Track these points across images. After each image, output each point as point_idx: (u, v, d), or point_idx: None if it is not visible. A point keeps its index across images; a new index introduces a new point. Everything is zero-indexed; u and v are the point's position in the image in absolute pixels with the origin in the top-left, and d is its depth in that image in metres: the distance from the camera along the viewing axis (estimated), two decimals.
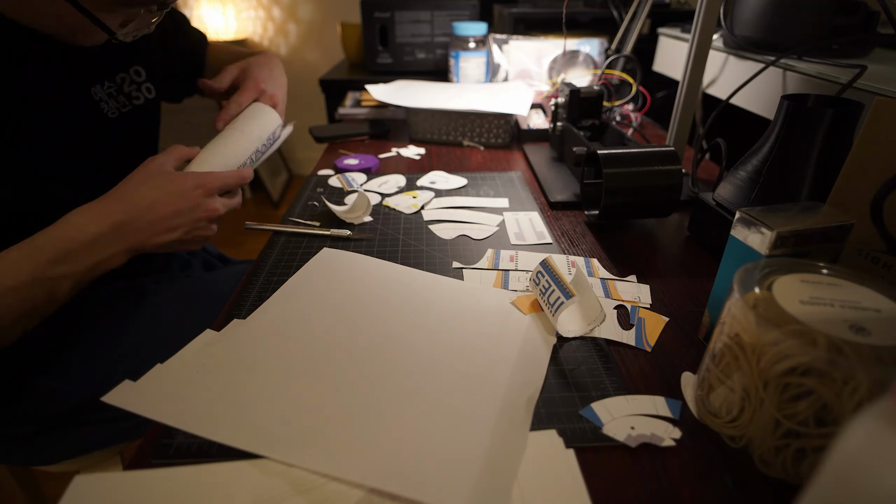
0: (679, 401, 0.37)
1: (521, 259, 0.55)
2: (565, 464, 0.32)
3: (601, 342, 0.43)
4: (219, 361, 0.40)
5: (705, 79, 0.81)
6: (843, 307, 0.31)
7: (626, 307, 0.47)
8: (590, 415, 0.36)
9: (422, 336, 0.43)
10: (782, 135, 0.49)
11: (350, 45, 1.54)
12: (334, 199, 0.69)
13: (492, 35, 1.09)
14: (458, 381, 0.38)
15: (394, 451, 0.33)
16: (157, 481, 0.31)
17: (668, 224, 0.64)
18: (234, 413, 0.35)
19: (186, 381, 0.38)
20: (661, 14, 1.24)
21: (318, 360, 0.40)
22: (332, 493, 0.30)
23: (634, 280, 0.52)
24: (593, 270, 0.53)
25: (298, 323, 0.45)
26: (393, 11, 1.26)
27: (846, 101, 0.49)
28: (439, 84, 1.05)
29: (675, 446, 0.34)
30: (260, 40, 2.43)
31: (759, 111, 0.70)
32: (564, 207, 0.67)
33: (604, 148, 0.58)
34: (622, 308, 0.47)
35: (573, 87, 0.78)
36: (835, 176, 0.43)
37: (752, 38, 0.71)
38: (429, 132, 0.91)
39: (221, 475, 0.31)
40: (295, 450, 0.33)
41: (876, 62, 0.62)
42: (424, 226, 0.62)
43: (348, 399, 0.37)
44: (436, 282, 0.51)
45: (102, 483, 0.31)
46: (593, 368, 0.40)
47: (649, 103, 0.95)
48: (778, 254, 0.37)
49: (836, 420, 0.27)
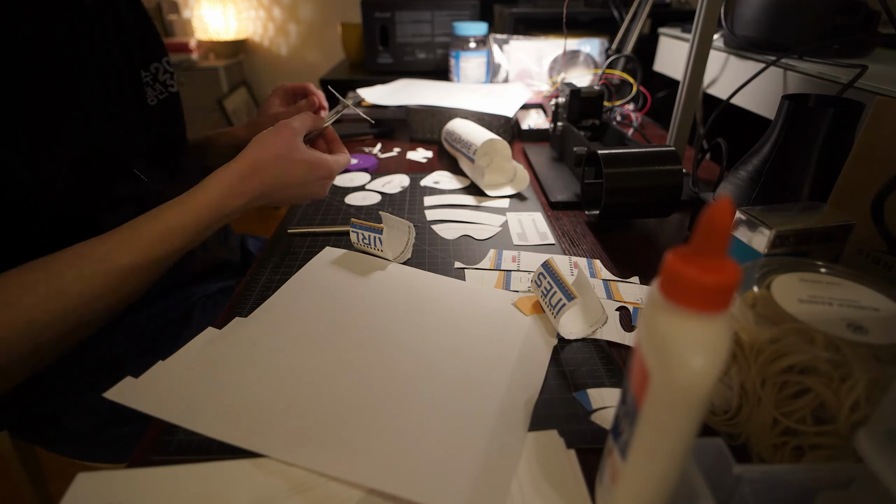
0: None
1: (523, 259, 0.55)
2: (566, 464, 0.32)
3: (602, 343, 0.43)
4: (220, 359, 0.40)
5: (706, 79, 0.81)
6: (842, 306, 0.31)
7: (629, 308, 0.47)
8: (582, 398, 0.37)
9: (422, 337, 0.43)
10: (783, 135, 0.49)
11: (350, 45, 1.54)
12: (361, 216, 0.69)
13: (492, 35, 1.09)
14: (457, 382, 0.38)
15: (392, 451, 0.33)
16: (159, 479, 0.31)
17: (669, 224, 0.64)
18: (234, 411, 0.35)
19: (188, 378, 0.38)
20: (662, 14, 1.24)
21: (318, 359, 0.41)
22: (332, 492, 0.30)
23: (637, 281, 0.52)
24: (595, 271, 0.53)
25: (300, 322, 0.45)
26: (393, 11, 1.26)
27: (847, 100, 0.49)
28: (438, 83, 1.05)
29: None
30: (260, 40, 2.44)
31: (760, 111, 0.70)
32: (565, 207, 0.67)
33: (604, 148, 0.58)
34: (624, 309, 0.47)
35: (574, 87, 0.78)
36: (835, 176, 0.43)
37: (752, 38, 0.71)
38: (429, 132, 0.91)
39: (222, 473, 0.32)
40: (295, 449, 0.33)
41: (877, 62, 0.62)
42: (427, 225, 0.62)
43: (348, 398, 0.37)
44: (437, 282, 0.51)
45: (104, 480, 0.31)
46: (594, 370, 0.40)
47: (650, 103, 0.95)
48: (777, 253, 0.37)
49: (833, 418, 0.28)
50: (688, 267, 0.20)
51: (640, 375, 0.23)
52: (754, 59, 0.70)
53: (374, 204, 0.69)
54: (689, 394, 0.22)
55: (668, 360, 0.21)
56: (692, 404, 0.22)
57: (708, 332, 0.21)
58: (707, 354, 0.21)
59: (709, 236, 0.20)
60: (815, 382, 0.28)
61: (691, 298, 0.21)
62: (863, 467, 0.23)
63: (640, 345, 0.24)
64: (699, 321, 0.21)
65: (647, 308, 0.23)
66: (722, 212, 0.19)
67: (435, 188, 0.73)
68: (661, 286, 0.22)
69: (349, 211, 0.66)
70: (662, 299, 0.22)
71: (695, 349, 0.21)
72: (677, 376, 0.21)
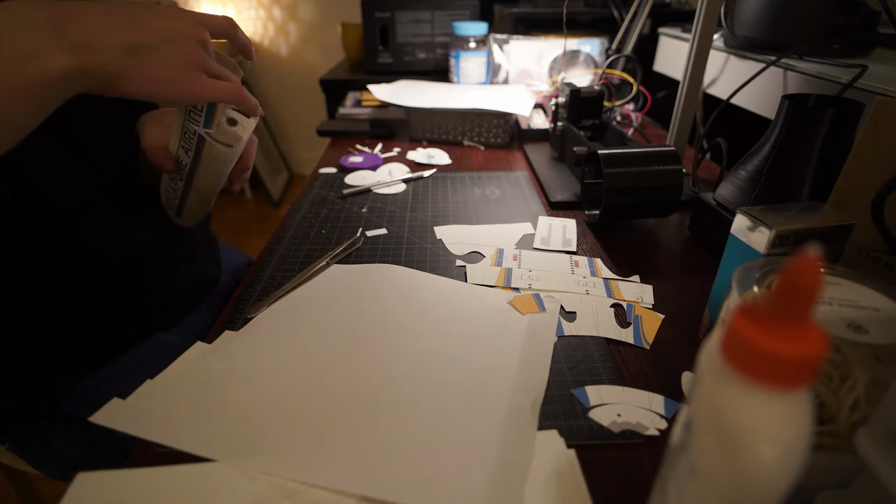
0: (679, 403, 0.37)
1: (524, 258, 0.55)
2: (567, 464, 0.32)
3: (601, 341, 0.43)
4: (211, 375, 0.39)
5: (706, 79, 0.81)
6: (842, 306, 0.31)
7: (623, 305, 0.47)
8: (581, 395, 0.37)
9: (421, 343, 0.42)
10: (783, 135, 0.49)
11: (350, 45, 1.54)
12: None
13: (492, 35, 1.09)
14: (461, 388, 0.38)
15: (401, 462, 0.32)
16: (159, 479, 0.31)
17: (669, 224, 0.64)
18: (227, 429, 0.34)
19: (177, 396, 0.37)
20: (662, 14, 1.24)
21: (315, 370, 0.39)
22: (332, 491, 0.30)
23: (638, 280, 0.52)
24: (597, 270, 0.53)
25: (293, 332, 0.43)
26: (393, 11, 1.26)
27: (847, 100, 0.49)
28: (440, 84, 1.05)
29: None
30: (260, 40, 2.43)
31: (760, 111, 0.70)
32: (565, 207, 0.67)
33: (604, 148, 0.58)
34: (618, 306, 0.47)
35: (574, 87, 0.78)
36: (835, 176, 0.43)
37: (752, 38, 0.71)
38: (429, 132, 0.91)
39: (222, 473, 0.32)
40: (297, 466, 0.32)
41: (877, 62, 0.62)
42: (430, 224, 0.63)
43: (349, 411, 0.36)
44: (434, 284, 0.50)
45: (104, 480, 0.31)
46: (592, 367, 0.40)
47: (650, 103, 0.95)
48: (777, 253, 0.37)
49: (833, 418, 0.28)
50: (765, 333, 0.16)
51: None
52: (754, 59, 0.70)
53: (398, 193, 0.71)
54: (756, 490, 0.17)
55: (731, 446, 0.17)
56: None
57: (785, 412, 0.17)
58: (783, 442, 0.17)
59: (791, 297, 0.16)
60: (815, 382, 0.28)
61: (767, 371, 0.17)
62: (863, 467, 0.23)
63: (694, 416, 0.19)
64: (774, 399, 0.17)
65: (703, 374, 0.19)
66: (809, 270, 0.16)
67: (429, 163, 0.73)
68: (727, 351, 0.18)
69: (359, 214, 0.66)
70: (726, 367, 0.18)
71: (767, 434, 0.17)
72: (744, 468, 0.17)
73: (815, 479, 0.26)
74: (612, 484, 0.31)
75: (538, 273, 0.52)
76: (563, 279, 0.51)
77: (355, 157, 0.82)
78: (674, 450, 0.22)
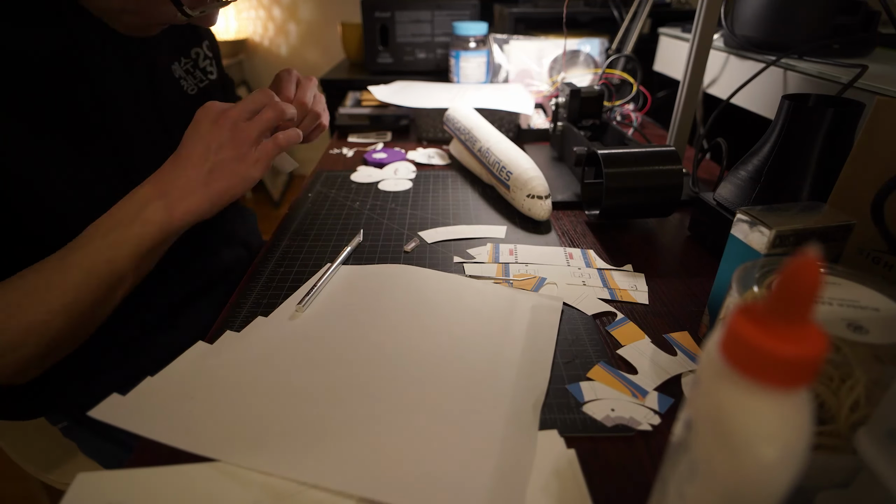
0: (672, 399, 0.37)
1: (520, 252, 0.56)
2: (567, 464, 0.32)
3: (599, 338, 0.43)
4: (212, 375, 0.39)
5: (706, 78, 0.81)
6: (842, 306, 0.31)
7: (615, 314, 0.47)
8: (575, 391, 0.37)
9: (422, 343, 0.42)
10: (783, 135, 0.49)
11: (350, 45, 1.54)
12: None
13: (492, 35, 1.09)
14: (462, 388, 0.38)
15: (402, 463, 0.32)
16: (159, 479, 0.31)
17: (669, 224, 0.64)
18: (227, 428, 0.34)
19: (177, 394, 0.37)
20: (662, 14, 1.23)
21: (316, 370, 0.39)
22: (332, 492, 0.30)
23: (630, 269, 0.53)
24: (590, 261, 0.54)
25: (295, 332, 0.43)
26: (393, 11, 1.26)
27: (847, 100, 0.49)
28: (440, 84, 1.05)
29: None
30: (260, 40, 2.44)
31: (760, 111, 0.70)
32: (565, 207, 0.67)
33: (604, 148, 0.58)
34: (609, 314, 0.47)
35: (574, 87, 0.78)
36: (835, 176, 0.43)
37: (752, 38, 0.71)
38: (433, 132, 0.91)
39: (223, 473, 0.32)
40: (297, 466, 0.31)
41: (877, 62, 0.62)
42: (429, 221, 0.63)
43: (350, 411, 0.36)
44: (435, 279, 0.50)
45: (104, 480, 0.31)
46: (587, 363, 0.41)
47: (650, 103, 0.95)
48: (777, 253, 0.37)
49: (833, 418, 0.28)
50: (765, 333, 0.17)
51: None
52: (754, 59, 0.70)
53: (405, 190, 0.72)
54: (756, 490, 0.17)
55: (731, 446, 0.17)
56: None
57: (785, 412, 0.17)
58: (782, 442, 0.17)
59: (791, 297, 0.16)
60: (815, 382, 0.28)
61: (767, 371, 0.17)
62: (863, 467, 0.23)
63: (695, 416, 0.19)
64: (774, 399, 0.17)
65: (704, 374, 0.19)
66: (809, 270, 0.16)
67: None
68: (726, 351, 0.18)
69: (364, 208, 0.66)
70: (726, 367, 0.18)
71: (767, 435, 0.17)
72: (744, 468, 0.17)
73: (815, 479, 0.26)
74: (612, 483, 0.31)
75: (535, 267, 0.53)
76: (559, 271, 0.52)
77: (379, 153, 0.84)
78: (674, 449, 0.22)
